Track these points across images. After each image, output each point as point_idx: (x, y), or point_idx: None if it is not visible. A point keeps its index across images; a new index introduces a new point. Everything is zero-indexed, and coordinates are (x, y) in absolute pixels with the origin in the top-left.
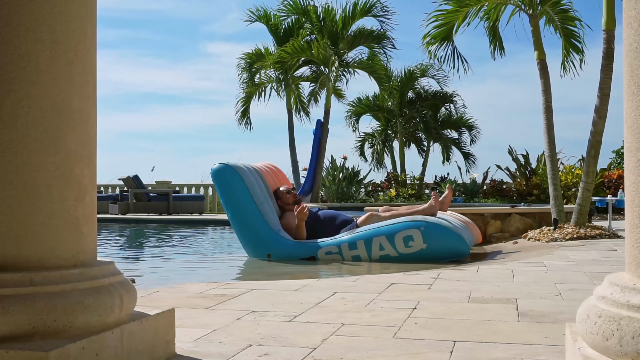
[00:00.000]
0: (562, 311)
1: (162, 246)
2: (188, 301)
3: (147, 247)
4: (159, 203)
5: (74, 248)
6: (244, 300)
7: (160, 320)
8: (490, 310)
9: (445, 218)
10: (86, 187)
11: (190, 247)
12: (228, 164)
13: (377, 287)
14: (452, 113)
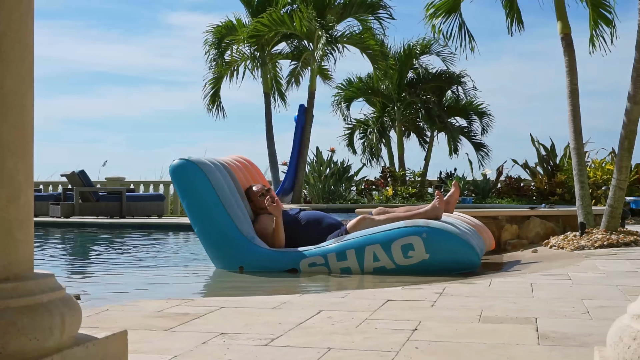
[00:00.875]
0: (590, 332)
1: (113, 256)
2: (144, 321)
3: (95, 257)
4: (109, 204)
5: (6, 258)
6: (211, 320)
7: (110, 344)
8: (505, 331)
9: (451, 222)
10: (21, 185)
11: (147, 257)
12: (189, 159)
13: (370, 305)
14: (460, 97)
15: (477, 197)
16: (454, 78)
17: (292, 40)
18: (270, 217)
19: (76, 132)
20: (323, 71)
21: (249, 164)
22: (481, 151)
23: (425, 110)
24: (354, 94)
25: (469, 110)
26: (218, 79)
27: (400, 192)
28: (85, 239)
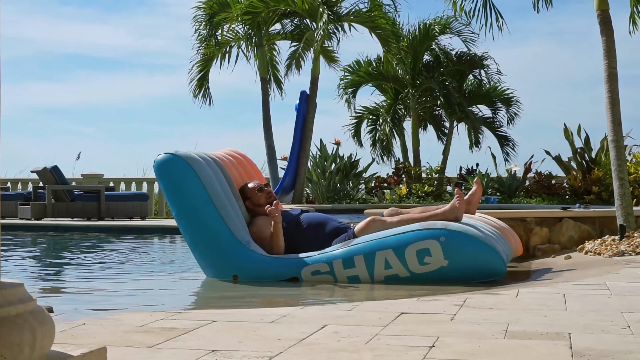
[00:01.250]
0: (631, 350)
1: (90, 263)
2: (125, 337)
3: (69, 264)
4: (86, 204)
5: None
6: (202, 336)
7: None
8: (534, 348)
9: (473, 224)
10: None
11: (128, 264)
12: (176, 154)
13: (381, 318)
14: (484, 82)
15: (503, 196)
16: (475, 61)
17: (293, 19)
18: (267, 219)
19: (48, 123)
20: (327, 53)
21: (243, 159)
22: (507, 144)
23: (443, 97)
24: (363, 79)
25: (493, 97)
26: (207, 61)
27: (415, 191)
28: (59, 244)
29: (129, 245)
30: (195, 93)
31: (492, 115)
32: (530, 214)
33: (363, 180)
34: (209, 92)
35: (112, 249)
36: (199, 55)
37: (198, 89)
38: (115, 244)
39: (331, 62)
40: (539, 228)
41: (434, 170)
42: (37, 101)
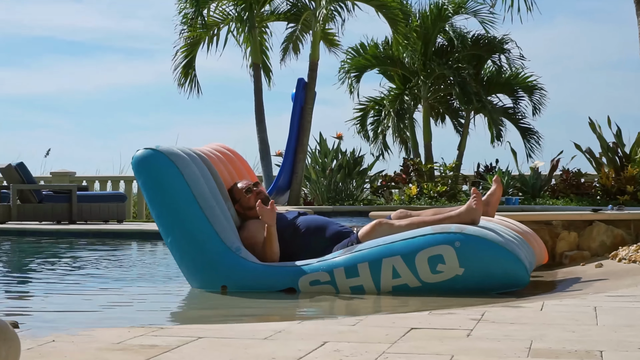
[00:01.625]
0: None
1: (60, 272)
2: (99, 356)
3: (37, 274)
4: (56, 205)
5: None
6: (186, 354)
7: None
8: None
9: (492, 228)
10: None
11: (104, 273)
12: (158, 149)
13: (389, 334)
14: (504, 68)
15: (525, 196)
16: (495, 44)
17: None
18: (260, 222)
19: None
20: (329, 36)
21: (233, 155)
22: (530, 137)
23: (459, 85)
24: (368, 62)
25: (515, 85)
26: (193, 46)
27: (427, 191)
28: (25, 251)
29: (105, 252)
30: (181, 81)
31: (513, 105)
32: (556, 217)
33: (368, 179)
34: (195, 80)
35: (86, 256)
36: (184, 39)
37: (183, 77)
38: (88, 250)
39: (332, 47)
40: (567, 232)
41: (448, 167)
42: (0, 90)
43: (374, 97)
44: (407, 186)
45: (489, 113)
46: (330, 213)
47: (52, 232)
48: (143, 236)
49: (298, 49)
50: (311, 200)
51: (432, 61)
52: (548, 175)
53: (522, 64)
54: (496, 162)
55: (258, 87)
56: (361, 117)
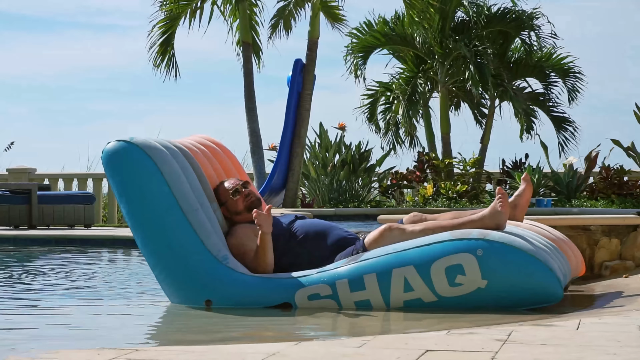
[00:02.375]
0: None
1: (18, 285)
2: None
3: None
4: (13, 208)
5: None
6: None
7: None
8: None
9: (520, 234)
10: None
11: (70, 286)
12: (132, 142)
13: (400, 358)
14: (534, 47)
15: (559, 197)
16: (523, 20)
17: None
18: (251, 227)
19: None
20: (330, 9)
21: (219, 148)
22: (565, 129)
23: (479, 68)
24: (377, 41)
25: (547, 68)
26: (173, 20)
27: (445, 190)
28: None
29: (70, 261)
30: (157, 62)
31: (544, 91)
32: (595, 221)
33: (376, 177)
34: (174, 61)
35: (48, 266)
36: (162, 14)
37: (160, 56)
38: (51, 260)
39: (335, 22)
40: (607, 239)
41: (469, 163)
42: None
43: (384, 82)
44: (422, 185)
45: (517, 100)
46: (333, 216)
47: (8, 238)
48: (115, 243)
49: (290, 26)
50: (310, 201)
51: (449, 39)
52: (585, 172)
53: (555, 42)
54: (525, 158)
55: (248, 69)
56: (370, 105)
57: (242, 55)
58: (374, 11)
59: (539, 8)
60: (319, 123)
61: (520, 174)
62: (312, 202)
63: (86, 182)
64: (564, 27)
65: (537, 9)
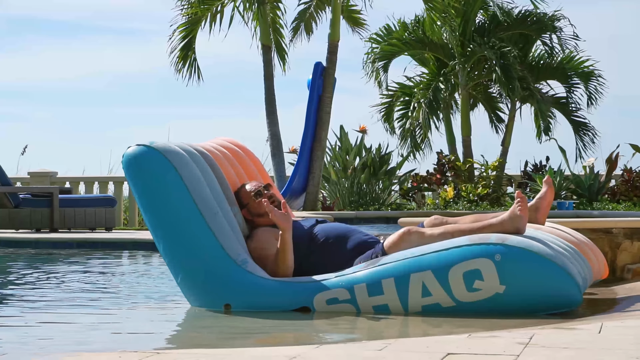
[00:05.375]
0: None
1: (40, 287)
2: None
3: (13, 290)
4: (35, 211)
5: None
6: None
7: None
8: None
9: (540, 238)
10: None
11: (90, 289)
12: (152, 146)
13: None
14: (556, 51)
15: (581, 200)
16: (544, 22)
17: None
18: (272, 231)
19: None
20: (352, 13)
21: (242, 151)
22: (585, 133)
23: (502, 71)
24: (396, 48)
25: (568, 70)
26: (193, 25)
27: (466, 193)
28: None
29: (91, 264)
30: (178, 66)
31: (566, 94)
32: (617, 224)
33: (397, 180)
34: (196, 65)
35: (69, 270)
36: (183, 18)
37: (181, 60)
38: (72, 263)
39: (356, 26)
40: (629, 242)
41: (490, 166)
42: None
43: (404, 84)
44: (443, 188)
45: (537, 103)
46: (353, 219)
47: (30, 241)
48: (135, 246)
49: (311, 29)
50: (330, 204)
51: (471, 42)
52: (606, 175)
53: (577, 45)
54: (546, 160)
55: (269, 72)
56: (388, 105)
57: (263, 58)
58: (394, 15)
59: (560, 10)
60: (340, 126)
61: (541, 177)
62: (332, 205)
63: (107, 186)
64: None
65: (559, 11)
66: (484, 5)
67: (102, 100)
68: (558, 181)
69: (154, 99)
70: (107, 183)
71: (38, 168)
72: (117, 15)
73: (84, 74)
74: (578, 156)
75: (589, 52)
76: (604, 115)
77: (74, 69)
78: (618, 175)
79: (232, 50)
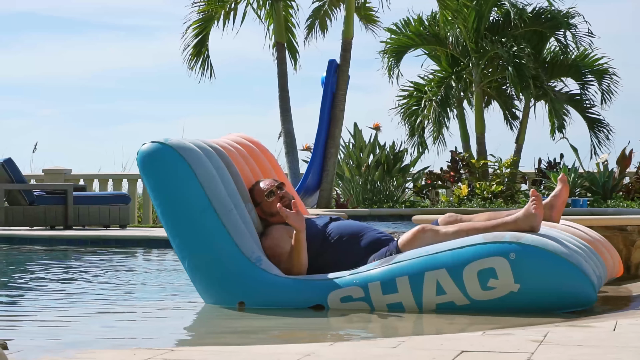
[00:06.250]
0: None
1: (54, 285)
2: None
3: (28, 288)
4: (49, 208)
5: None
6: None
7: None
8: None
9: (554, 236)
10: None
11: (105, 286)
12: (167, 143)
13: (435, 359)
14: (570, 49)
15: (595, 197)
16: (559, 19)
17: None
18: (286, 229)
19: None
20: (366, 10)
21: (256, 148)
22: (599, 131)
23: (514, 68)
24: (411, 42)
25: (583, 68)
26: (207, 22)
27: (480, 191)
28: (13, 261)
29: (105, 262)
30: (191, 63)
31: (581, 91)
32: (632, 221)
33: (410, 177)
34: (209, 62)
35: (83, 267)
36: (196, 15)
37: (195, 57)
38: (86, 260)
39: (370, 23)
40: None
41: (504, 163)
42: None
43: (418, 83)
44: (457, 185)
45: (550, 101)
46: (367, 217)
47: (44, 239)
48: (150, 243)
49: (325, 27)
50: (344, 202)
51: (484, 40)
52: (620, 172)
53: (591, 42)
54: (561, 158)
55: (282, 70)
56: (406, 106)
57: (277, 56)
58: (413, 9)
59: (575, 7)
60: (354, 123)
61: (556, 174)
62: (346, 203)
63: (121, 183)
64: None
65: (573, 8)
66: (498, 3)
67: (114, 96)
68: (572, 178)
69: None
70: (121, 180)
71: (52, 165)
72: (125, 11)
73: (93, 70)
74: (593, 153)
75: (604, 49)
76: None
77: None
78: (632, 173)
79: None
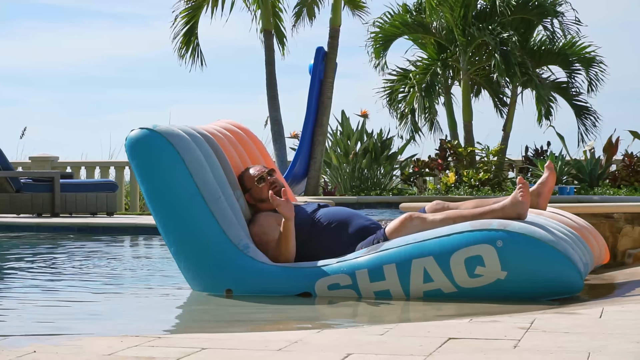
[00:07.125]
0: None
1: (41, 272)
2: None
3: (14, 275)
4: (36, 196)
5: None
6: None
7: None
8: None
9: (541, 223)
10: None
11: (92, 274)
12: (155, 130)
13: (423, 345)
14: (557, 36)
15: (582, 184)
16: (546, 7)
17: None
18: (274, 216)
19: None
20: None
21: (245, 134)
22: (586, 118)
23: (502, 56)
24: (397, 30)
25: (570, 56)
26: (195, 10)
27: (467, 178)
28: (0, 248)
29: (92, 249)
30: (182, 52)
31: (567, 79)
32: (618, 209)
33: (398, 165)
34: (199, 50)
35: (70, 254)
36: (185, 3)
37: (185, 46)
38: (73, 247)
39: (357, 9)
40: (630, 227)
41: (491, 151)
42: None
43: (405, 69)
44: (444, 173)
45: (536, 87)
46: (354, 204)
47: (31, 226)
48: (137, 231)
49: (313, 14)
50: (332, 189)
51: (471, 27)
52: (606, 159)
53: (578, 30)
54: (548, 145)
55: (270, 57)
56: (391, 90)
57: (264, 43)
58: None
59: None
60: (341, 111)
61: (543, 162)
62: (334, 190)
63: (108, 170)
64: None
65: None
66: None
67: (102, 85)
68: (559, 166)
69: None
70: (108, 168)
71: (39, 153)
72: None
73: (82, 58)
74: (580, 140)
75: (592, 37)
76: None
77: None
78: (619, 160)
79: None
